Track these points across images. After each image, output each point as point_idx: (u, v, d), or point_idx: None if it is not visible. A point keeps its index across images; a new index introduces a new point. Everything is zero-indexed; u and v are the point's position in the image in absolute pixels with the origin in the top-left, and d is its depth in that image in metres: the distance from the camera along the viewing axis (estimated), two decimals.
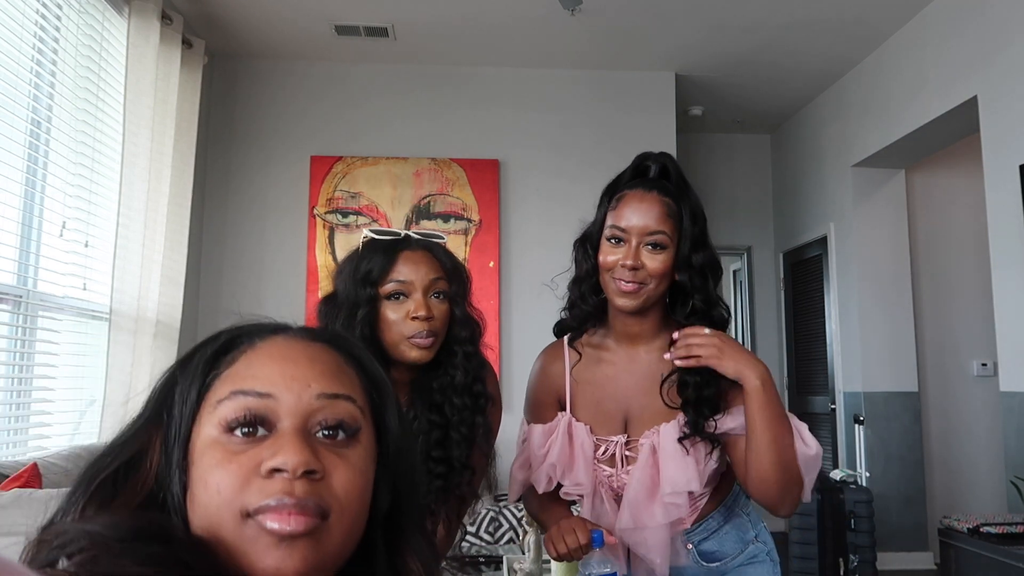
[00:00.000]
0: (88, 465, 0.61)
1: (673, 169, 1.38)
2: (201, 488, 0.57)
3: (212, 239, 4.42)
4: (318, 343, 0.65)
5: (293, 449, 0.56)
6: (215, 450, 0.58)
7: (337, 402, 0.61)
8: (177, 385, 0.63)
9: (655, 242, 1.31)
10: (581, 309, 1.41)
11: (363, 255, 1.39)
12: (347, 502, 0.59)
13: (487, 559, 2.72)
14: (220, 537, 0.56)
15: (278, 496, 0.55)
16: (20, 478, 2.09)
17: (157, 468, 0.60)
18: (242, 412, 0.58)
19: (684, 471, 1.30)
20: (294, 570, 0.55)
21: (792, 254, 5.79)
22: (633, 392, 1.38)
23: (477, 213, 4.55)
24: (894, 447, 4.79)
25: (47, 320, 2.93)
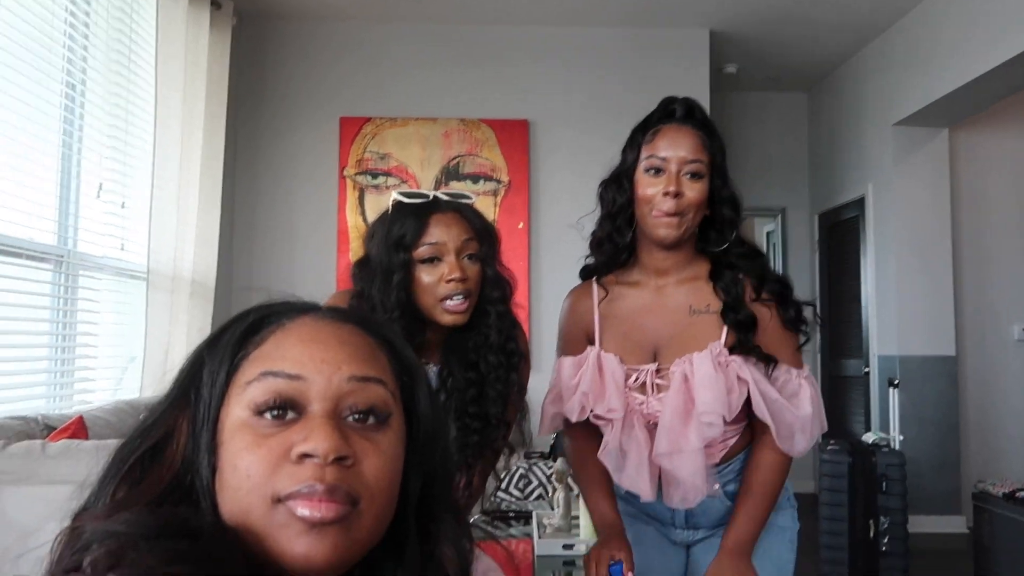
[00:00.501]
0: (118, 447, 0.61)
1: (699, 109, 1.43)
2: (231, 471, 0.57)
3: (244, 201, 4.47)
4: (348, 324, 0.64)
5: (324, 434, 0.56)
6: (244, 433, 0.57)
7: (368, 386, 0.60)
8: (205, 365, 0.62)
9: (694, 171, 1.36)
10: (614, 243, 1.43)
11: (394, 219, 1.40)
12: (377, 489, 0.58)
13: (517, 514, 2.77)
14: (250, 522, 0.55)
15: (309, 482, 0.55)
16: (67, 430, 2.16)
17: (184, 449, 0.60)
18: (272, 395, 0.57)
19: (717, 395, 1.34)
20: (324, 557, 0.55)
21: (828, 216, 5.69)
22: (662, 323, 1.42)
23: (506, 174, 4.53)
24: (929, 411, 4.73)
25: (87, 280, 3.00)
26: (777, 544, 1.43)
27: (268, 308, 0.65)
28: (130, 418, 2.56)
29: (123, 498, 0.57)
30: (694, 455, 1.35)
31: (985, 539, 3.22)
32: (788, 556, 1.44)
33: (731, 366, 1.35)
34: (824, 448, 3.41)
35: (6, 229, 2.49)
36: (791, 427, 1.35)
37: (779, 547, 1.44)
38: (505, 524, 2.65)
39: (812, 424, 1.37)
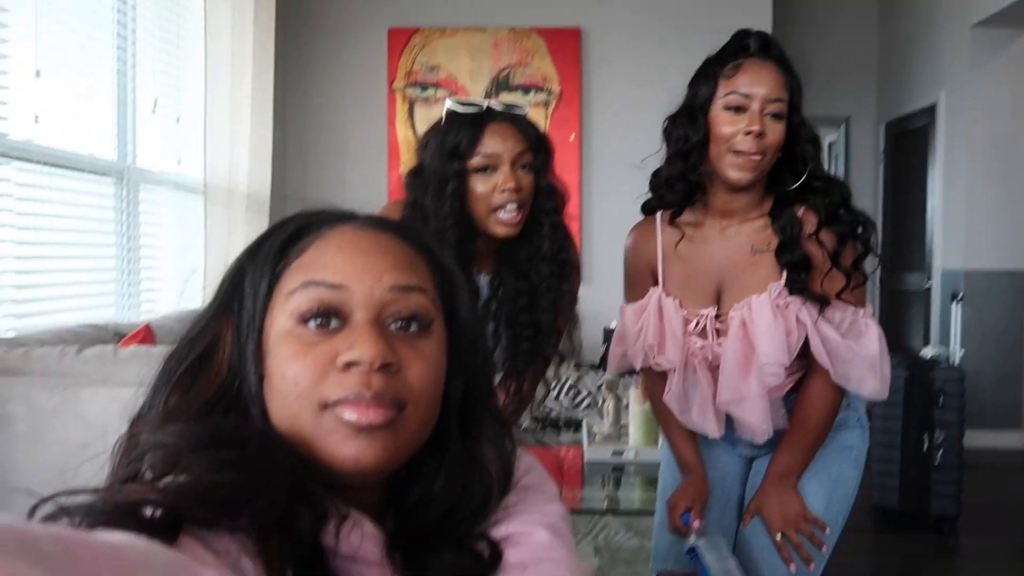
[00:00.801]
0: (167, 357, 0.63)
1: (774, 42, 1.34)
2: (279, 379, 0.58)
3: (295, 115, 4.48)
4: (388, 233, 0.64)
5: (369, 342, 0.57)
6: (290, 341, 0.58)
7: (410, 294, 0.61)
8: (247, 275, 0.62)
9: (776, 111, 1.29)
10: (688, 182, 1.36)
11: (448, 128, 1.39)
12: (422, 394, 0.60)
13: (567, 422, 2.83)
14: (299, 427, 0.57)
15: (356, 389, 0.56)
16: (137, 336, 2.26)
17: (230, 358, 0.61)
18: (315, 303, 0.58)
19: (776, 342, 1.31)
20: (374, 460, 0.57)
21: (895, 124, 5.44)
22: (725, 265, 1.38)
23: (558, 84, 4.42)
24: (992, 326, 4.61)
25: (148, 194, 3.08)
26: (839, 461, 1.42)
27: (307, 217, 0.65)
28: None
29: (175, 405, 0.59)
30: (757, 401, 1.35)
31: None
32: (850, 474, 1.42)
33: (790, 307, 1.32)
34: None
35: (69, 145, 2.55)
36: (857, 368, 1.32)
37: (840, 464, 1.42)
38: (555, 431, 2.72)
39: (883, 363, 1.33)
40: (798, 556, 1.35)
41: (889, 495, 3.24)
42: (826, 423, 1.38)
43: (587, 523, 2.01)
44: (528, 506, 0.66)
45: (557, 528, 0.65)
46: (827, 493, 1.40)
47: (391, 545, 0.60)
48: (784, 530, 1.35)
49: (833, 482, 1.40)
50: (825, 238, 1.32)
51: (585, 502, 2.02)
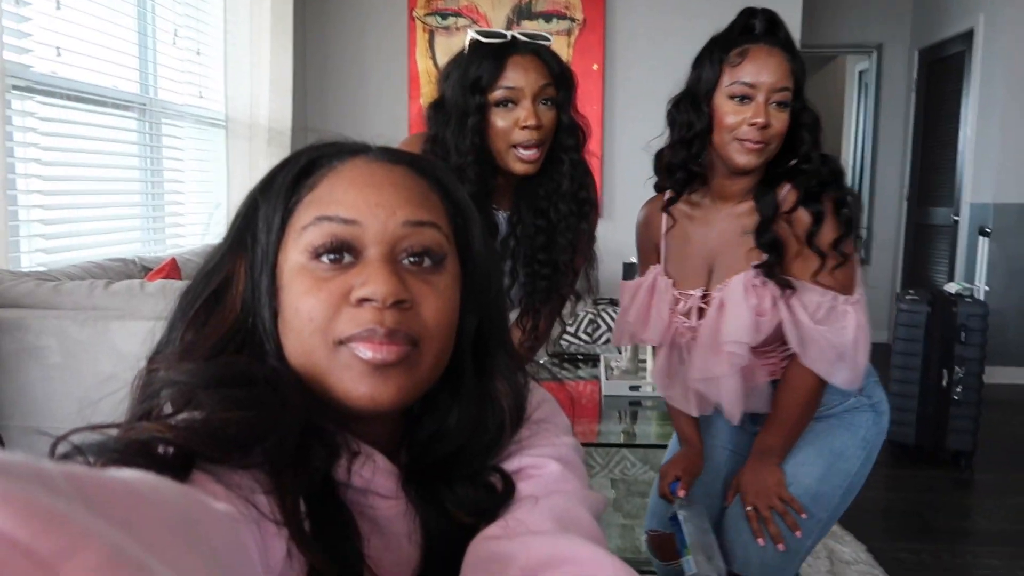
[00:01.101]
0: (182, 293, 0.63)
1: (780, 24, 1.31)
2: (292, 314, 0.58)
3: (315, 48, 4.41)
4: (400, 166, 0.63)
5: (382, 279, 0.57)
6: (303, 276, 0.58)
7: (423, 229, 0.60)
8: (260, 209, 0.62)
9: (781, 100, 1.27)
10: (689, 171, 1.36)
11: (470, 59, 1.36)
12: (436, 329, 0.60)
13: (585, 357, 2.86)
14: (313, 362, 0.58)
15: (369, 325, 0.56)
16: (163, 271, 2.30)
17: (244, 293, 0.61)
18: (328, 238, 0.58)
19: (740, 322, 1.30)
20: (389, 398, 0.58)
21: (929, 51, 5.25)
22: (717, 246, 1.39)
23: (581, 11, 4.30)
24: (1020, 261, 4.54)
25: (170, 128, 3.08)
26: (843, 436, 1.40)
27: (318, 150, 0.64)
28: None
29: (190, 341, 0.60)
30: (726, 381, 1.35)
31: None
32: (853, 452, 1.40)
33: (767, 287, 1.30)
34: (902, 298, 3.34)
35: (92, 79, 2.55)
36: (828, 355, 1.29)
37: (844, 439, 1.40)
38: (573, 366, 2.75)
39: (856, 353, 1.30)
40: (766, 530, 1.34)
41: (906, 430, 3.27)
42: (804, 404, 1.36)
43: (604, 456, 2.06)
44: (540, 439, 0.67)
45: (569, 460, 0.66)
46: (825, 464, 1.38)
47: (405, 478, 0.62)
48: (755, 503, 1.35)
49: (834, 455, 1.39)
50: (800, 217, 1.29)
51: (602, 436, 2.06)
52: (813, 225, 1.28)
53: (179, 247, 3.05)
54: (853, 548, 2.46)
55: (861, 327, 1.30)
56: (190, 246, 3.03)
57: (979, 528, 2.76)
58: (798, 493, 1.36)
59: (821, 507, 1.37)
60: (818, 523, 1.37)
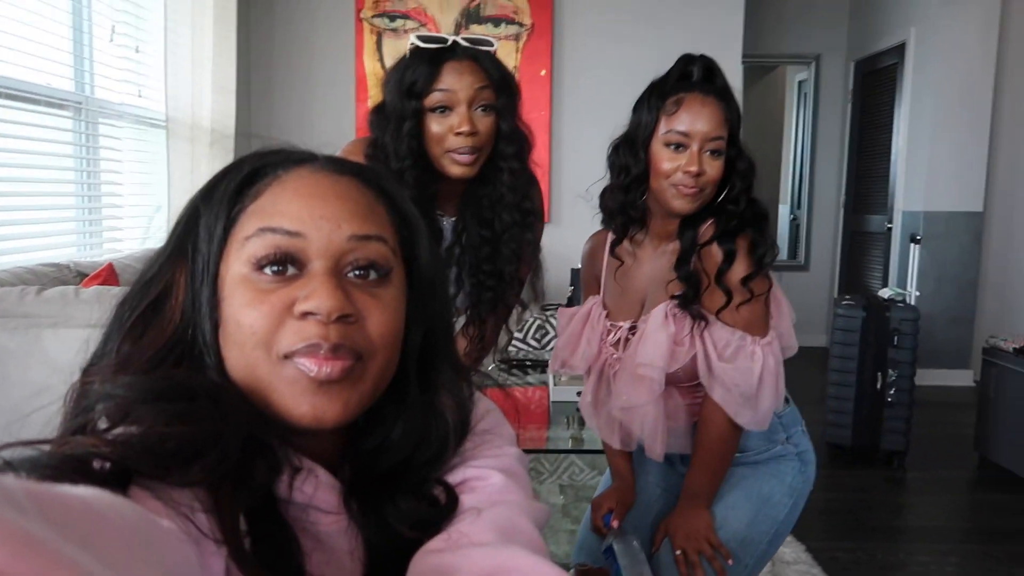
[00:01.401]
0: (119, 303, 0.61)
1: (717, 71, 1.35)
2: (234, 327, 0.57)
3: (260, 47, 4.34)
4: (346, 177, 0.62)
5: (327, 293, 0.56)
6: (245, 288, 0.57)
7: (369, 243, 0.59)
8: (201, 218, 0.60)
9: (715, 148, 1.30)
10: (627, 215, 1.39)
11: (408, 64, 1.36)
12: (382, 343, 0.59)
13: (533, 363, 2.87)
14: (256, 376, 0.57)
15: (313, 340, 0.55)
16: (99, 276, 2.23)
17: (183, 304, 0.60)
18: (271, 250, 0.57)
19: (657, 346, 1.33)
20: (333, 415, 0.57)
21: (865, 63, 5.44)
22: (650, 280, 1.41)
23: (529, 16, 4.33)
24: (948, 267, 4.73)
25: (107, 128, 2.99)
26: (771, 483, 1.41)
27: (263, 158, 0.63)
28: None
29: (127, 354, 0.58)
30: (646, 411, 1.36)
31: (991, 391, 3.31)
32: (781, 499, 1.40)
33: (686, 317, 1.33)
34: (838, 303, 3.44)
35: (24, 76, 2.46)
36: (734, 395, 1.30)
37: (772, 486, 1.41)
38: (521, 372, 2.76)
39: (761, 396, 1.30)
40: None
41: (842, 432, 3.37)
42: (720, 442, 1.35)
43: (552, 462, 2.07)
44: (484, 450, 0.66)
45: (513, 471, 0.66)
46: (753, 509, 1.39)
47: (347, 493, 0.61)
48: (685, 546, 1.34)
49: (762, 501, 1.40)
50: (712, 253, 1.31)
51: (550, 441, 2.07)
52: (723, 263, 1.30)
53: (117, 252, 2.96)
54: (793, 548, 2.52)
55: (768, 369, 1.30)
56: (128, 251, 2.94)
57: (911, 525, 2.87)
58: (727, 537, 1.36)
59: (748, 553, 1.37)
60: (745, 568, 1.37)
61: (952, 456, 3.58)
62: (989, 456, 3.35)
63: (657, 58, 1.41)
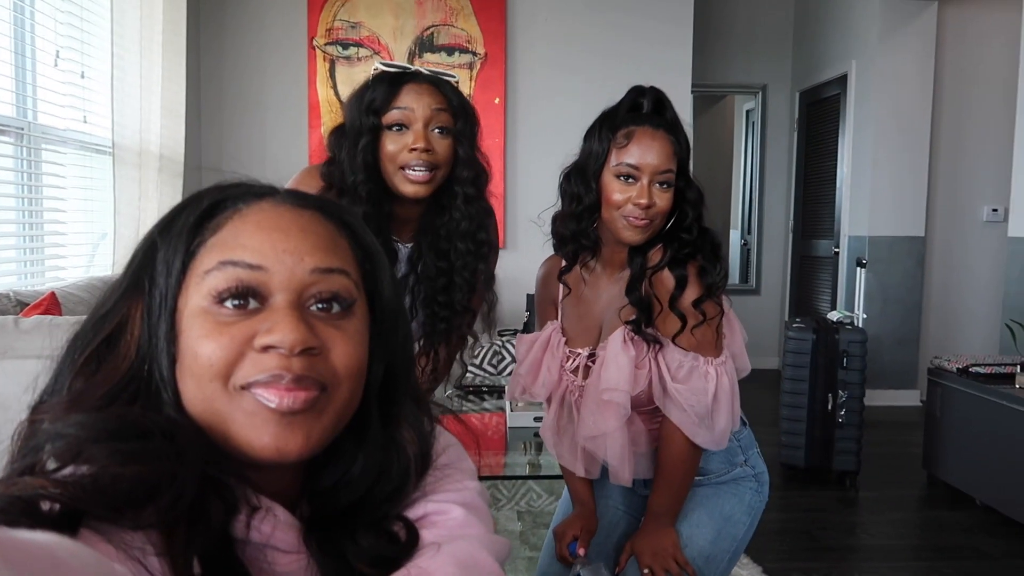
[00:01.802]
0: (72, 338, 0.59)
1: (667, 102, 1.38)
2: (191, 359, 0.56)
3: (210, 73, 4.29)
4: (309, 210, 0.62)
5: (289, 326, 0.55)
6: (205, 321, 0.56)
7: (332, 276, 0.59)
8: (159, 251, 0.59)
9: (665, 180, 1.32)
10: (578, 243, 1.41)
11: (371, 86, 1.39)
12: (346, 375, 0.58)
13: (490, 388, 2.86)
14: (214, 410, 0.55)
15: (275, 371, 0.55)
16: (40, 305, 2.15)
17: (139, 339, 0.58)
18: (233, 283, 0.56)
19: (619, 370, 1.34)
20: (296, 448, 0.56)
21: (809, 93, 5.61)
22: (606, 307, 1.43)
23: (482, 46, 4.37)
24: (893, 290, 4.87)
25: (51, 154, 2.91)
26: (731, 502, 1.44)
27: (223, 191, 0.62)
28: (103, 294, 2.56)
29: (80, 390, 0.56)
30: (613, 438, 1.37)
31: (936, 411, 3.39)
32: (740, 518, 1.44)
33: (643, 343, 1.35)
34: (789, 326, 3.51)
35: None
36: (689, 416, 1.32)
37: (732, 505, 1.44)
38: (478, 399, 2.74)
39: (717, 415, 1.32)
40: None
41: (796, 452, 3.42)
42: (681, 461, 1.36)
43: (510, 488, 2.05)
44: (445, 484, 0.66)
45: (473, 505, 0.65)
46: (716, 527, 1.42)
47: (307, 531, 0.60)
48: (652, 564, 1.35)
49: (723, 519, 1.43)
50: (664, 280, 1.34)
51: (508, 468, 2.05)
52: (675, 288, 1.32)
53: (60, 280, 2.87)
54: (750, 571, 2.53)
55: (723, 389, 1.32)
56: (72, 279, 2.85)
57: (864, 544, 2.91)
58: (693, 555, 1.39)
59: (712, 569, 1.40)
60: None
61: (902, 475, 3.65)
62: (937, 474, 3.43)
63: (609, 88, 1.44)
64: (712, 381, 1.32)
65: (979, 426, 3.13)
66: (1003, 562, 2.74)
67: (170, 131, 3.43)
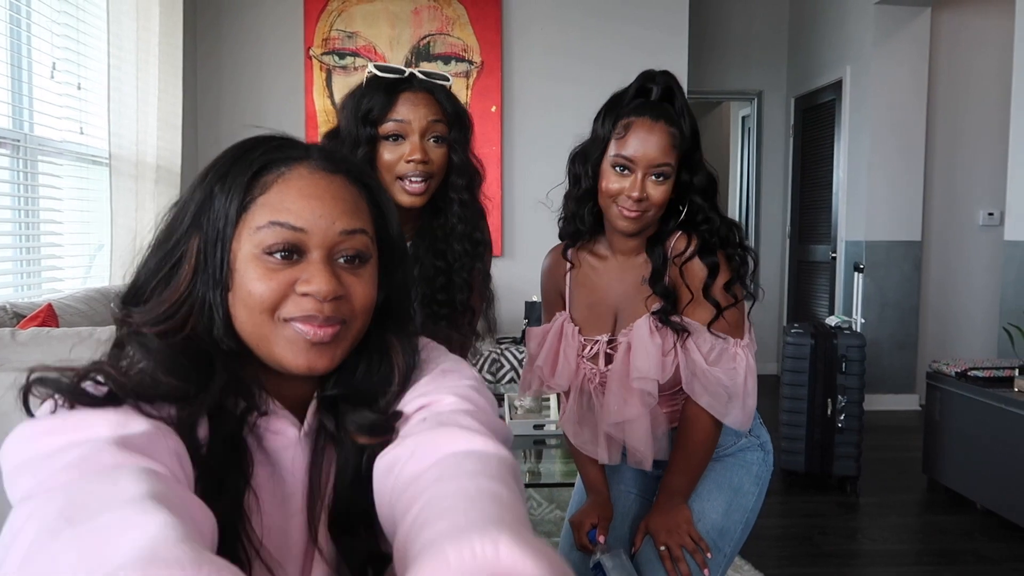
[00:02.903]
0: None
1: (677, 90, 1.38)
2: (246, 295, 0.71)
3: (207, 83, 4.30)
4: (338, 176, 0.75)
5: (324, 279, 0.70)
6: (257, 265, 0.71)
7: (355, 236, 0.74)
8: (215, 199, 0.72)
9: (660, 172, 1.33)
10: (577, 227, 1.43)
11: (365, 92, 1.39)
12: (362, 311, 0.75)
13: None
14: (262, 334, 0.72)
15: (311, 312, 0.71)
16: (37, 318, 2.15)
17: (195, 268, 0.72)
18: (280, 241, 0.70)
19: (650, 359, 1.37)
20: (324, 367, 0.73)
21: (804, 99, 5.62)
22: (621, 295, 1.44)
23: (479, 55, 4.38)
24: (891, 295, 4.87)
25: (47, 165, 2.91)
26: (740, 474, 1.48)
27: (268, 154, 0.74)
28: (101, 306, 2.55)
29: (150, 307, 0.72)
30: (640, 422, 1.40)
31: (936, 415, 3.39)
32: (749, 488, 1.47)
33: (668, 331, 1.38)
34: (788, 331, 3.51)
35: None
36: (722, 397, 1.36)
37: (741, 476, 1.48)
38: None
39: (746, 393, 1.37)
40: (678, 570, 1.37)
41: (796, 458, 3.41)
42: (704, 443, 1.40)
43: None
44: (443, 382, 0.78)
45: (465, 395, 0.76)
46: (727, 500, 1.45)
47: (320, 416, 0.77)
48: (667, 542, 1.39)
49: (733, 492, 1.46)
50: (695, 270, 1.36)
51: None
52: (708, 278, 1.35)
53: (56, 291, 2.86)
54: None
55: (750, 369, 1.37)
56: (69, 290, 2.84)
57: (865, 549, 2.90)
58: (706, 529, 1.42)
59: (726, 541, 1.43)
60: (724, 557, 1.43)
61: (902, 480, 3.65)
62: (937, 478, 3.42)
63: (606, 96, 1.44)
64: (741, 362, 1.36)
65: (978, 430, 3.13)
66: (1004, 566, 2.73)
67: (167, 142, 3.44)
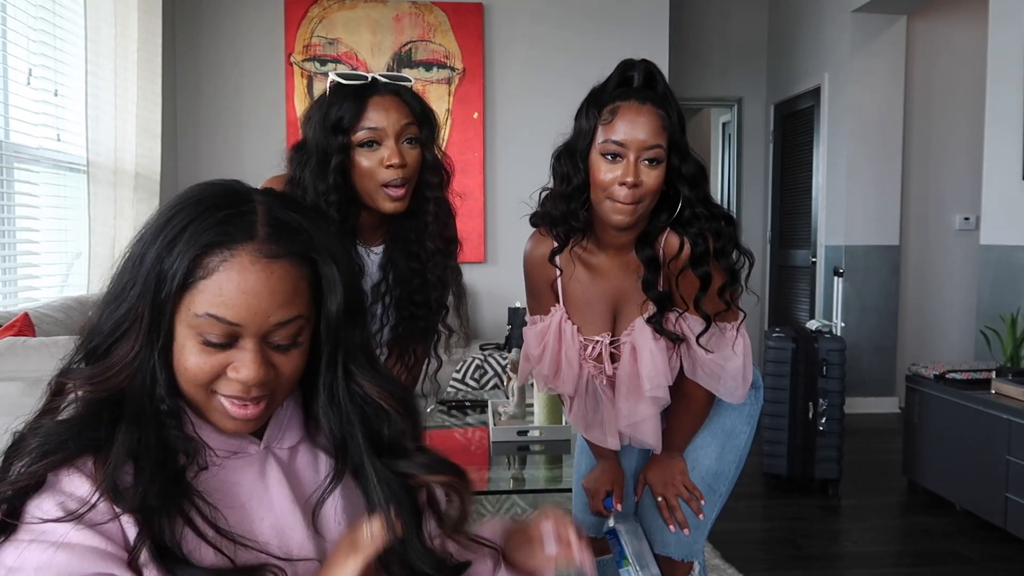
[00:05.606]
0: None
1: (659, 76, 1.34)
2: (181, 368, 0.76)
3: (187, 90, 4.27)
4: (279, 262, 0.75)
5: (252, 369, 0.75)
6: (195, 344, 0.75)
7: (289, 325, 0.76)
8: (164, 265, 0.74)
9: (652, 157, 1.28)
10: (569, 225, 1.37)
11: (331, 101, 1.37)
12: (289, 382, 0.80)
13: (472, 403, 2.85)
14: (195, 397, 0.77)
15: (239, 392, 0.76)
16: (13, 327, 2.12)
17: (141, 333, 0.75)
18: (216, 332, 0.74)
19: (656, 365, 1.39)
20: (250, 430, 0.80)
21: (783, 106, 5.68)
22: (618, 292, 1.43)
23: (461, 61, 4.39)
24: (870, 299, 4.92)
25: (24, 172, 2.88)
26: (732, 416, 1.53)
27: (216, 228, 0.74)
28: (78, 315, 2.52)
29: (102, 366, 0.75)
30: (650, 422, 1.44)
31: (915, 418, 3.42)
32: (741, 428, 1.53)
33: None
34: (769, 335, 3.53)
35: None
36: (724, 380, 1.41)
37: (732, 418, 1.53)
38: (461, 413, 2.73)
39: (746, 370, 1.43)
40: (675, 518, 1.47)
41: (778, 461, 3.43)
42: (700, 409, 1.49)
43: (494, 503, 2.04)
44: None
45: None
46: (719, 444, 1.52)
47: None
48: (664, 493, 1.49)
49: (726, 435, 1.52)
50: (687, 279, 1.34)
51: (492, 483, 2.04)
52: (700, 291, 1.34)
53: (33, 300, 2.83)
54: None
55: (747, 346, 1.42)
56: (46, 299, 2.81)
57: (847, 551, 2.92)
58: (701, 474, 1.50)
59: (720, 482, 1.52)
60: (720, 498, 1.52)
61: (882, 482, 3.67)
62: (917, 480, 3.45)
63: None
64: (739, 345, 1.40)
65: (957, 432, 3.16)
66: (983, 566, 2.76)
67: (146, 149, 3.41)
